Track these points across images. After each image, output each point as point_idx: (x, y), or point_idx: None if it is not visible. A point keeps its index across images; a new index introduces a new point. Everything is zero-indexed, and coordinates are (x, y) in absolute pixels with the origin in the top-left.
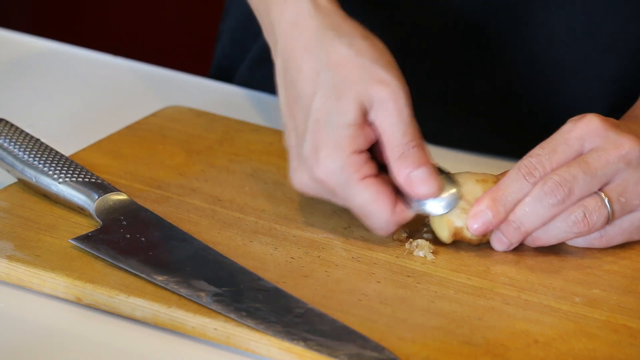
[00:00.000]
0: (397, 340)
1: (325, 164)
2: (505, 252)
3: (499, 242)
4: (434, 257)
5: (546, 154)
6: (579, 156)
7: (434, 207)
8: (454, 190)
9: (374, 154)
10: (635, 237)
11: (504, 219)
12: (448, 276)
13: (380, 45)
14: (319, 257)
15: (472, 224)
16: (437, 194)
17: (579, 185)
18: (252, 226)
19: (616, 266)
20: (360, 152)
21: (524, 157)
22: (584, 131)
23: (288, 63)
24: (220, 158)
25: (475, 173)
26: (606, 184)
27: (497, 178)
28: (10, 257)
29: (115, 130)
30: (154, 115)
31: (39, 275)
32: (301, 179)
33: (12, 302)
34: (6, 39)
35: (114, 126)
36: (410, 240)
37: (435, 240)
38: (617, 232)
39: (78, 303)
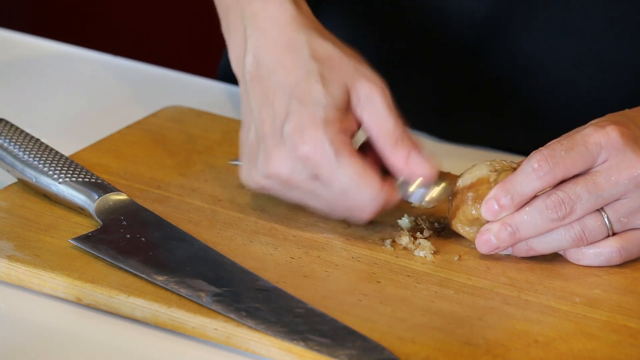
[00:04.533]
0: (397, 340)
1: (313, 138)
2: (506, 251)
3: (486, 244)
4: (434, 257)
5: (562, 149)
6: (591, 164)
7: (421, 195)
8: (443, 184)
9: None
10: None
11: (511, 209)
12: (448, 276)
13: (356, 53)
14: (319, 257)
15: (482, 210)
16: (435, 175)
17: (582, 205)
18: (252, 226)
19: (616, 266)
20: (346, 133)
21: (541, 147)
22: (604, 140)
23: (263, 56)
24: (220, 158)
25: (490, 163)
26: (612, 202)
27: (510, 166)
28: (10, 257)
29: (115, 130)
30: (154, 115)
31: (39, 275)
32: (280, 160)
33: (12, 302)
34: (7, 39)
35: (114, 126)
36: (412, 239)
37: (435, 240)
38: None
39: (78, 303)
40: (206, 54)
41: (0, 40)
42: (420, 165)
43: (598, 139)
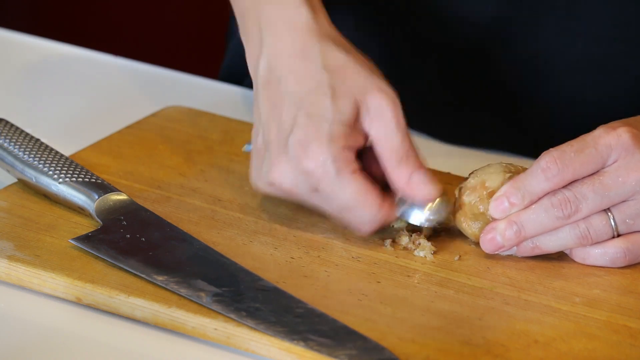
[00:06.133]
0: (397, 340)
1: (316, 154)
2: (507, 252)
3: (491, 242)
4: (434, 257)
5: (572, 151)
6: (601, 166)
7: (419, 215)
8: (440, 202)
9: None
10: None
11: (520, 207)
12: (448, 276)
13: (371, 62)
14: (319, 257)
15: (491, 207)
16: (436, 197)
17: (588, 205)
18: (252, 226)
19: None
20: (351, 149)
21: (551, 149)
22: (614, 142)
23: (276, 62)
24: (220, 158)
25: (505, 165)
26: (618, 203)
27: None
28: (10, 257)
29: (115, 130)
30: (154, 115)
31: (39, 275)
32: (283, 171)
33: (12, 302)
34: (6, 39)
35: (114, 126)
36: (412, 239)
37: (435, 240)
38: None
39: (78, 303)
40: (206, 54)
41: (1, 40)
42: (421, 187)
43: (608, 140)
